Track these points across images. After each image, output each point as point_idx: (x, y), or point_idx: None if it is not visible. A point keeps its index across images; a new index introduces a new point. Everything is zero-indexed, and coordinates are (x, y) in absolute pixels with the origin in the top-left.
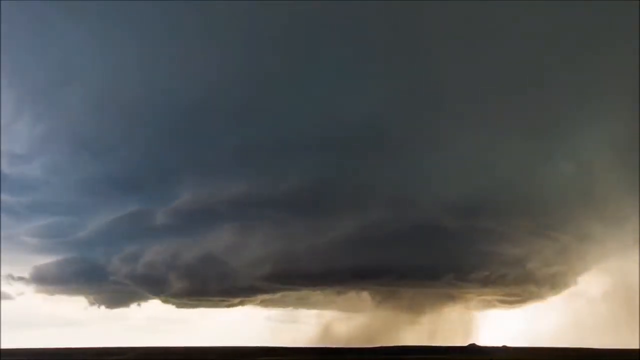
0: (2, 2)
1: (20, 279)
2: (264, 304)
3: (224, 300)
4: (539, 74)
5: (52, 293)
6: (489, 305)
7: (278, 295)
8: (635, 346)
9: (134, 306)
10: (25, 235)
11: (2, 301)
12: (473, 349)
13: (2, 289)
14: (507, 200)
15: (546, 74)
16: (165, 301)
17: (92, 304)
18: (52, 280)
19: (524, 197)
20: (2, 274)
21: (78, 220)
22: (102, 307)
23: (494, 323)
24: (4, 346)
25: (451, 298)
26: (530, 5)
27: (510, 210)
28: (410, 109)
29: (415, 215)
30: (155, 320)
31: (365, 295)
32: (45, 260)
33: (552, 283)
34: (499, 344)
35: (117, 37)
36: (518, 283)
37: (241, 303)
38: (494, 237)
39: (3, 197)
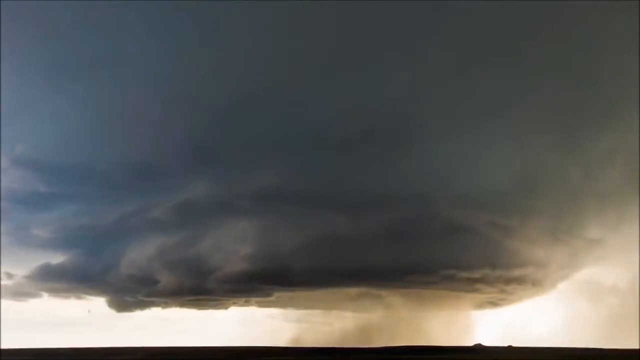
0: None
1: (25, 277)
2: (267, 303)
3: (228, 300)
4: (552, 75)
5: (57, 292)
6: (493, 304)
7: (281, 294)
8: (635, 346)
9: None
10: (35, 229)
11: (6, 300)
12: (479, 349)
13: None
14: (516, 200)
15: (558, 75)
16: (173, 304)
17: (103, 307)
18: (57, 279)
19: (533, 197)
20: (2, 271)
21: (86, 215)
22: (111, 310)
23: (499, 323)
24: (5, 346)
25: (455, 297)
26: (540, 6)
27: (518, 209)
28: (423, 107)
29: (423, 214)
30: (160, 320)
31: (367, 294)
32: (51, 257)
33: (555, 283)
34: (505, 344)
35: (141, 29)
36: (521, 282)
37: (246, 303)
38: (495, 236)
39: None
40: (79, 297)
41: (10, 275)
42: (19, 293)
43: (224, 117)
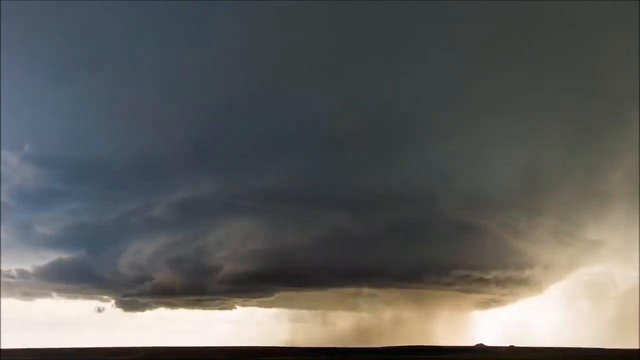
0: None
1: (30, 275)
2: (267, 303)
3: (228, 300)
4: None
5: (59, 292)
6: (494, 304)
7: (281, 294)
8: (636, 346)
9: (146, 310)
10: (37, 227)
11: (6, 300)
12: (480, 349)
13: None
14: (517, 200)
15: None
16: (173, 304)
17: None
18: (58, 279)
19: (533, 197)
20: (3, 269)
21: (86, 214)
22: (115, 310)
23: (500, 323)
24: (6, 346)
25: (456, 297)
26: (540, 6)
27: (519, 209)
28: (423, 107)
29: (424, 214)
30: (161, 320)
31: (369, 294)
32: (53, 256)
33: (557, 283)
34: (506, 344)
35: (142, 28)
36: (522, 282)
37: (246, 302)
38: (497, 235)
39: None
40: (81, 297)
41: (22, 273)
42: (23, 292)
43: (224, 117)
